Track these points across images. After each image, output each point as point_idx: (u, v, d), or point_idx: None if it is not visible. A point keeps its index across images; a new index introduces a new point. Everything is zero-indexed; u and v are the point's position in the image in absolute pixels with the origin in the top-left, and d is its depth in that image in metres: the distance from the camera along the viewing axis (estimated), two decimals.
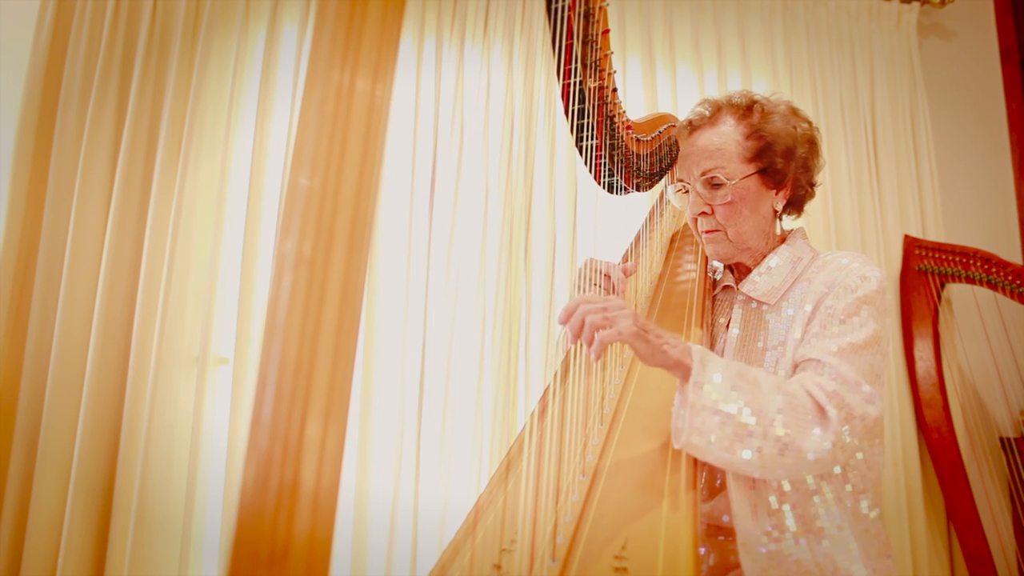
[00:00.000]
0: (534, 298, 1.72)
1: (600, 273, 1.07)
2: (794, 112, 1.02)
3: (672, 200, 1.12)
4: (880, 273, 0.91)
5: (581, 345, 1.01)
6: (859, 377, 0.81)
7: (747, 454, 0.73)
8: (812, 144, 1.02)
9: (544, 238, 1.76)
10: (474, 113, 1.79)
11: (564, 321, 0.77)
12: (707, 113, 1.02)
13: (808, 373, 0.84)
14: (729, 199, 0.97)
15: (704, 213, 1.00)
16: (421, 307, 1.67)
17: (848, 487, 0.89)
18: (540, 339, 1.70)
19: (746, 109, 1.00)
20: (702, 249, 1.14)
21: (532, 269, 1.74)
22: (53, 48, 1.62)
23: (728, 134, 0.98)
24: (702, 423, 0.73)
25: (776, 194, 1.01)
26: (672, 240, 1.29)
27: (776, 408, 0.75)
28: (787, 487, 0.87)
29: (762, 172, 0.98)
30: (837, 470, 0.89)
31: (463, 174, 1.75)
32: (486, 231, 1.73)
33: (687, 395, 0.75)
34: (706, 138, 1.00)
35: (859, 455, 0.91)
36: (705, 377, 0.75)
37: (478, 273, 1.71)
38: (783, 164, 0.98)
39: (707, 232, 1.02)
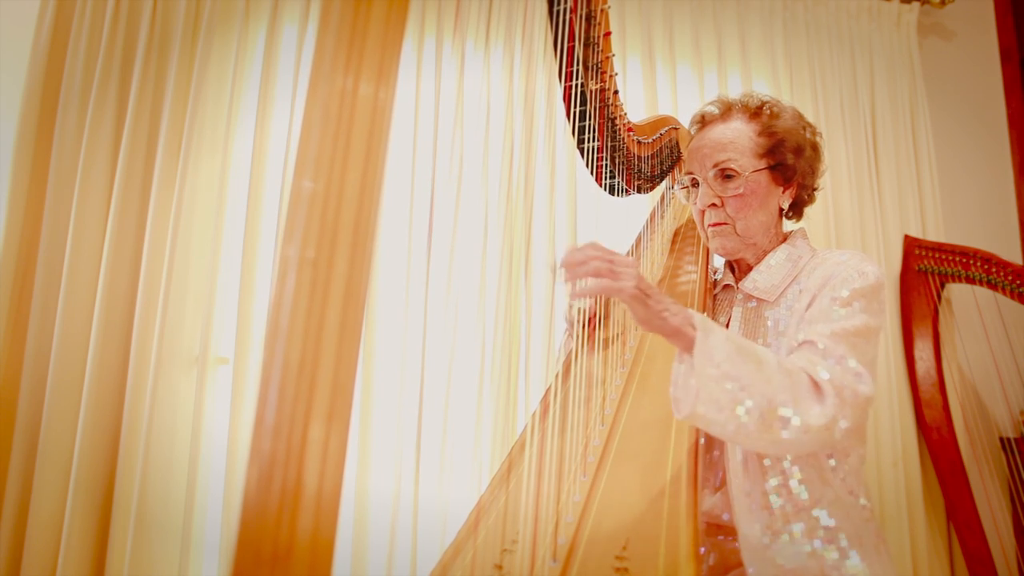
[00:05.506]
0: (534, 298, 1.73)
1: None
2: (801, 116, 1.05)
3: (678, 195, 1.13)
4: (877, 269, 0.91)
5: (582, 347, 1.02)
6: (850, 357, 0.81)
7: (750, 426, 0.72)
8: (816, 149, 1.04)
9: (545, 239, 1.76)
10: (475, 116, 1.79)
11: (566, 262, 0.75)
12: (717, 111, 1.05)
13: (800, 354, 0.84)
14: (741, 191, 0.99)
15: (714, 205, 1.01)
16: (422, 307, 1.67)
17: (843, 478, 0.89)
18: (541, 339, 1.70)
19: (756, 109, 1.02)
20: (703, 249, 1.14)
21: (533, 269, 1.74)
22: (53, 48, 1.62)
23: (741, 129, 1.00)
24: (705, 394, 0.72)
25: (783, 192, 1.03)
26: (674, 239, 1.29)
27: (778, 383, 0.74)
28: (779, 481, 0.87)
29: (773, 168, 1.00)
30: (832, 463, 0.89)
31: (464, 176, 1.75)
32: (487, 233, 1.73)
33: (689, 365, 0.74)
34: (719, 132, 1.01)
35: (851, 447, 0.91)
36: (707, 348, 0.74)
37: (479, 274, 1.71)
38: (793, 160, 1.00)
39: (714, 225, 1.02)
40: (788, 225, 1.10)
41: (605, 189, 1.08)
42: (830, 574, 0.84)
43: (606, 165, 1.02)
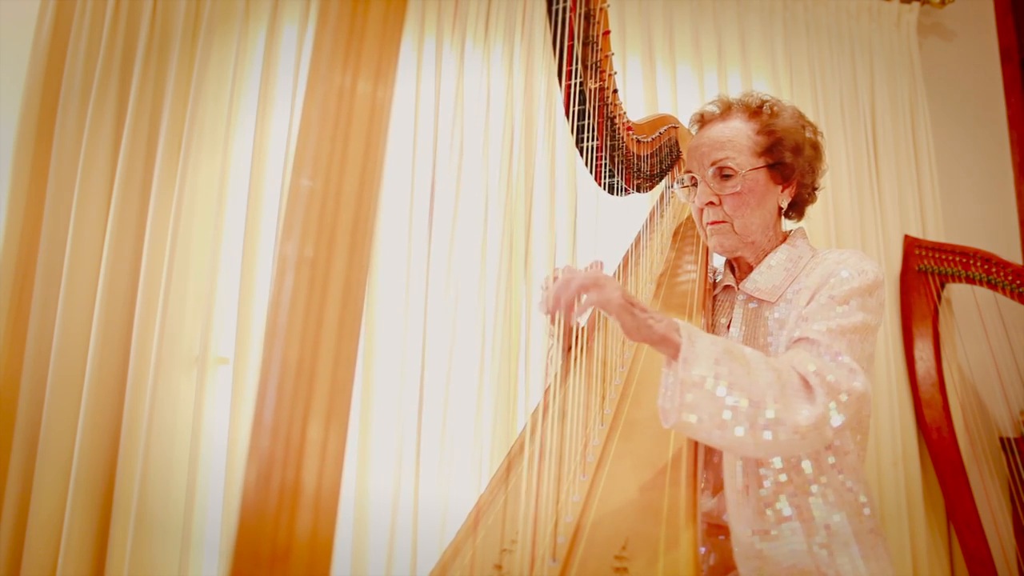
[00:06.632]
0: (534, 298, 1.72)
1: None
2: (801, 115, 1.04)
3: (678, 194, 1.13)
4: (876, 267, 0.90)
5: (581, 347, 1.02)
6: (845, 354, 0.80)
7: (739, 431, 0.71)
8: (816, 149, 1.04)
9: (544, 238, 1.76)
10: (474, 114, 1.79)
11: (547, 295, 0.78)
12: (717, 110, 1.05)
13: (795, 351, 0.83)
14: (738, 189, 0.98)
15: (711, 203, 1.01)
16: (421, 307, 1.67)
17: (841, 475, 0.89)
18: (540, 339, 1.70)
19: (756, 108, 1.02)
20: (703, 248, 1.14)
21: (532, 269, 1.74)
22: (53, 48, 1.62)
23: (739, 128, 1.00)
24: (693, 401, 0.71)
25: (782, 191, 1.03)
26: (673, 238, 1.29)
27: (766, 384, 0.74)
28: (783, 478, 0.87)
29: (771, 167, 1.00)
30: (831, 460, 0.89)
31: (464, 175, 1.75)
32: (486, 232, 1.73)
33: (676, 372, 0.73)
34: (717, 130, 1.01)
35: (850, 444, 0.91)
36: (693, 353, 0.73)
37: (479, 273, 1.71)
38: (792, 159, 1.00)
39: (712, 223, 1.02)
40: (788, 224, 1.10)
41: (604, 188, 1.07)
42: (826, 572, 0.84)
43: (605, 164, 1.02)
